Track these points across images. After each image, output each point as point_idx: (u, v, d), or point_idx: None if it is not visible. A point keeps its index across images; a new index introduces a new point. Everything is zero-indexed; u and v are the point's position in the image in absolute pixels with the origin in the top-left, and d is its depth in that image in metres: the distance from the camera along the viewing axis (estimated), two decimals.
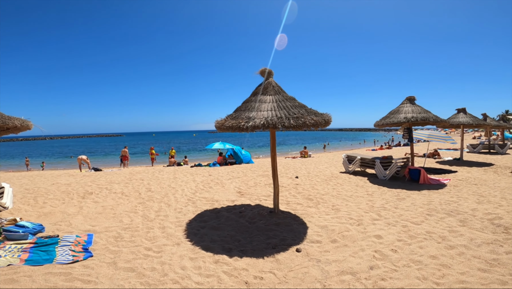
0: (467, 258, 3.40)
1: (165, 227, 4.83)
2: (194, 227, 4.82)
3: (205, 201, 6.54)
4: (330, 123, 4.51)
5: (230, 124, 4.36)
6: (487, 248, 3.64)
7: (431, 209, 5.49)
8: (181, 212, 5.70)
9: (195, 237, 4.37)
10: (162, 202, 6.57)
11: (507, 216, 4.82)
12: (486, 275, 3.00)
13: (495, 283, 2.85)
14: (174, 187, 8.19)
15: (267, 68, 5.11)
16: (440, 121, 8.93)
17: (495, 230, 4.26)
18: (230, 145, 15.69)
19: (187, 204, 6.34)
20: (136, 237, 4.41)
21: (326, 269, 3.28)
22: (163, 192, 7.62)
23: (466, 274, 3.04)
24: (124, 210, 5.95)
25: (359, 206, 5.86)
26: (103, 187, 8.25)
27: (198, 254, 3.77)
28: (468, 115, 12.95)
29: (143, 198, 6.93)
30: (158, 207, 6.15)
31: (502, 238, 3.94)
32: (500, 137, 22.49)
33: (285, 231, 4.50)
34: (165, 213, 5.65)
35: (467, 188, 7.33)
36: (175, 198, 6.93)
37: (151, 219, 5.29)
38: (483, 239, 3.92)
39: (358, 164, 10.07)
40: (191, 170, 12.23)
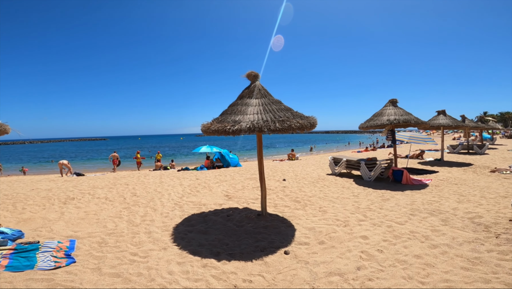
0: (450, 257, 3.49)
1: (151, 232, 4.74)
2: (181, 231, 4.75)
3: (192, 205, 6.46)
4: (315, 126, 4.56)
5: (216, 128, 4.34)
6: (469, 247, 3.75)
7: (414, 209, 5.64)
8: (168, 217, 5.61)
9: (182, 241, 4.31)
10: (148, 206, 6.44)
11: (487, 215, 5.02)
12: (469, 273, 3.08)
13: (479, 281, 2.93)
14: (160, 191, 8.05)
15: (253, 72, 5.13)
16: (421, 123, 9.22)
17: (475, 228, 4.42)
18: (217, 148, 15.60)
19: (174, 208, 6.25)
20: (121, 242, 4.31)
21: (315, 270, 3.31)
22: (149, 196, 7.48)
23: (449, 273, 3.11)
24: (108, 215, 5.80)
25: (345, 207, 5.94)
26: (86, 192, 8.01)
27: (186, 258, 3.72)
28: (447, 117, 13.44)
29: (128, 203, 6.78)
30: (144, 211, 6.02)
31: (483, 236, 4.08)
32: (479, 138, 23.46)
33: (273, 233, 4.50)
34: (151, 218, 5.54)
35: (448, 187, 7.58)
36: (161, 202, 6.81)
37: (136, 224, 5.18)
38: (464, 238, 4.05)
39: (344, 166, 10.23)
40: (178, 174, 12.07)
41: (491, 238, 3.98)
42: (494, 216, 4.94)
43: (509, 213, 5.02)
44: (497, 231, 4.21)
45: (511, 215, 4.89)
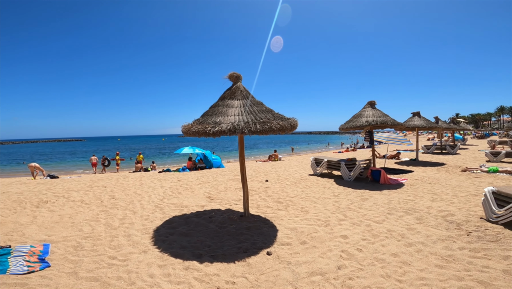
0: (424, 255, 3.63)
1: (130, 235, 4.62)
2: (162, 234, 4.67)
3: (174, 207, 6.35)
4: (296, 128, 4.62)
5: (197, 130, 4.30)
6: (442, 245, 3.92)
7: (391, 208, 5.84)
8: (148, 219, 5.48)
9: (163, 244, 4.24)
10: (127, 209, 6.26)
11: (459, 213, 5.29)
12: (443, 271, 3.20)
13: (452, 279, 3.04)
14: (140, 194, 7.85)
15: (235, 73, 5.12)
16: (397, 125, 9.57)
17: (448, 226, 4.63)
18: (200, 150, 15.43)
19: (155, 210, 6.11)
20: (99, 246, 4.18)
21: (297, 271, 3.34)
22: (128, 199, 7.27)
23: (425, 271, 3.23)
24: (84, 218, 5.59)
25: (326, 207, 6.06)
26: (60, 195, 7.67)
27: (167, 261, 3.66)
28: (422, 119, 14.06)
29: (106, 206, 6.56)
30: (123, 214, 5.86)
31: (455, 234, 4.28)
32: (451, 138, 24.69)
33: (256, 234, 4.52)
34: (130, 221, 5.40)
35: (422, 186, 7.92)
36: (141, 204, 6.64)
37: (115, 227, 5.04)
38: (438, 236, 4.22)
39: (325, 166, 10.43)
40: (159, 176, 11.81)
41: (463, 236, 4.18)
42: (465, 214, 5.21)
43: (479, 211, 5.31)
44: (468, 229, 4.44)
45: (481, 213, 5.17)
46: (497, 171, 9.89)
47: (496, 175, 9.43)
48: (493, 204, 4.76)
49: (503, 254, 3.49)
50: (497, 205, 4.73)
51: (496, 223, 4.60)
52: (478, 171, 10.16)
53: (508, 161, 12.85)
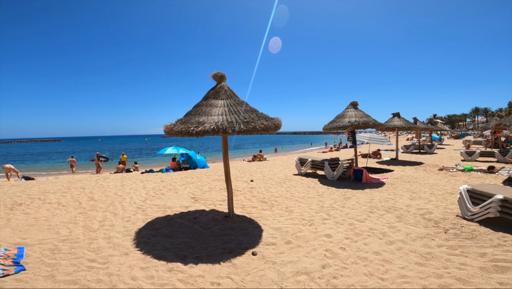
0: (405, 253, 3.72)
1: (111, 237, 4.50)
2: (144, 235, 4.56)
3: (157, 208, 6.21)
4: (280, 128, 4.64)
5: (179, 129, 4.23)
6: (421, 242, 4.03)
7: (373, 206, 5.98)
8: (130, 221, 5.34)
9: (145, 245, 4.15)
10: (107, 211, 6.08)
11: (436, 211, 5.48)
12: (423, 269, 3.29)
13: (432, 276, 3.12)
14: (121, 195, 7.64)
15: (219, 72, 5.09)
16: (378, 125, 9.83)
17: (426, 224, 4.79)
18: (184, 150, 15.20)
19: (136, 212, 5.96)
20: (77, 249, 4.05)
21: (282, 270, 3.35)
22: (108, 200, 7.05)
23: (405, 269, 3.31)
24: (61, 221, 5.39)
25: (310, 206, 6.12)
26: (36, 197, 7.34)
27: (150, 263, 3.59)
28: (401, 119, 14.52)
29: (84, 208, 6.34)
30: (103, 216, 5.68)
31: (433, 231, 4.43)
32: (429, 138, 25.67)
33: (241, 235, 4.50)
34: (110, 223, 5.25)
35: (402, 185, 8.17)
36: (122, 206, 6.46)
37: (94, 230, 4.89)
38: (417, 234, 4.35)
39: (309, 166, 10.55)
40: (141, 176, 11.54)
41: (441, 233, 4.32)
42: (442, 211, 5.42)
43: (455, 209, 5.53)
44: (445, 226, 4.61)
45: (457, 211, 5.38)
46: (471, 169, 10.36)
47: (471, 173, 9.88)
48: (468, 202, 4.97)
49: (479, 251, 3.62)
50: (472, 203, 4.94)
51: (472, 220, 4.80)
52: (454, 170, 10.61)
53: (482, 160, 13.48)
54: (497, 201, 4.40)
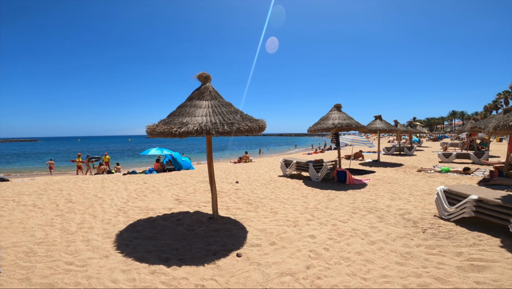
0: (386, 253, 3.81)
1: (90, 240, 4.37)
2: (125, 238, 4.45)
3: (139, 210, 6.07)
4: (264, 129, 4.66)
5: (162, 130, 4.17)
6: (401, 242, 4.14)
7: (355, 207, 6.11)
8: (110, 223, 5.20)
9: (127, 248, 4.05)
10: (86, 213, 5.89)
11: (415, 211, 5.67)
12: (403, 268, 3.37)
13: (411, 276, 3.20)
14: (101, 197, 7.41)
15: (204, 73, 5.06)
16: (361, 127, 10.07)
17: (405, 224, 4.93)
18: (168, 151, 14.96)
19: (117, 214, 5.80)
20: (54, 252, 3.92)
21: (267, 272, 3.36)
22: (87, 202, 6.83)
23: (387, 268, 3.38)
24: (37, 223, 5.19)
25: (295, 207, 6.17)
26: (10, 199, 7.01)
27: (132, 265, 3.50)
28: (383, 122, 14.95)
29: (62, 210, 6.11)
30: (81, 218, 5.51)
31: (412, 231, 4.56)
32: (409, 140, 26.55)
33: (225, 236, 4.47)
34: (89, 225, 5.10)
35: (383, 186, 8.39)
36: (102, 208, 6.27)
37: (72, 232, 4.74)
38: (397, 234, 4.47)
39: (294, 168, 10.64)
40: (123, 178, 11.24)
41: (419, 233, 4.46)
42: (420, 212, 5.60)
43: (433, 209, 5.73)
44: (423, 226, 4.76)
45: (435, 211, 5.58)
46: (448, 171, 10.79)
47: (448, 174, 10.29)
48: (445, 202, 5.16)
49: (456, 251, 3.75)
50: (448, 203, 5.13)
51: (448, 220, 4.98)
52: (432, 171, 11.02)
53: (458, 162, 14.06)
54: (472, 201, 4.59)
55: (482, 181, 8.48)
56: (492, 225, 4.58)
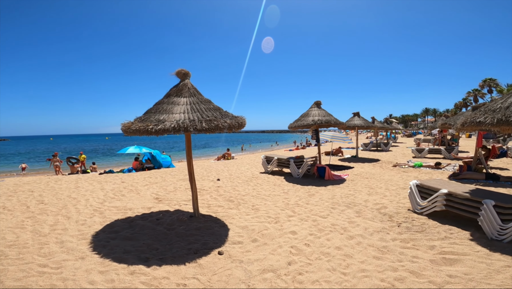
0: (364, 247, 3.92)
1: (64, 242, 4.22)
2: (102, 239, 4.32)
3: (116, 210, 5.89)
4: (244, 126, 4.65)
5: (137, 128, 4.07)
6: (378, 236, 4.28)
7: (335, 202, 6.25)
8: (85, 224, 5.02)
9: (104, 249, 3.94)
10: (60, 214, 5.65)
11: (390, 205, 5.89)
12: (380, 262, 3.47)
13: (388, 270, 3.24)
14: (75, 198, 7.12)
15: (183, 70, 4.98)
16: (340, 124, 10.31)
17: (382, 218, 5.11)
18: (147, 149, 14.59)
19: (93, 215, 5.61)
20: (26, 254, 3.77)
21: (249, 269, 3.37)
22: (60, 203, 6.54)
23: (365, 263, 3.48)
24: (6, 226, 4.93)
25: (276, 204, 6.23)
26: None
27: (109, 266, 3.42)
28: (361, 119, 15.40)
29: (33, 212, 5.82)
30: (54, 220, 5.28)
31: (388, 225, 4.73)
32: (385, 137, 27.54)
33: (207, 234, 4.43)
34: (63, 227, 4.91)
35: (361, 181, 8.66)
36: (76, 209, 6.03)
37: (44, 234, 4.55)
38: (374, 228, 4.62)
39: (275, 164, 10.73)
40: (99, 178, 10.85)
41: (394, 227, 4.62)
42: (396, 206, 5.83)
43: (407, 203, 5.98)
44: (398, 220, 4.95)
45: (409, 205, 5.82)
46: (421, 165, 11.31)
47: (421, 169, 10.79)
48: (417, 196, 5.40)
49: (429, 244, 3.91)
50: (421, 197, 5.37)
51: (421, 214, 5.21)
52: (406, 166, 11.50)
53: (430, 157, 14.74)
54: (442, 195, 4.83)
55: (452, 175, 8.97)
56: (462, 218, 4.82)
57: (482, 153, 9.12)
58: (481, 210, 4.09)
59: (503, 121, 4.01)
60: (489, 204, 3.97)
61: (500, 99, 4.42)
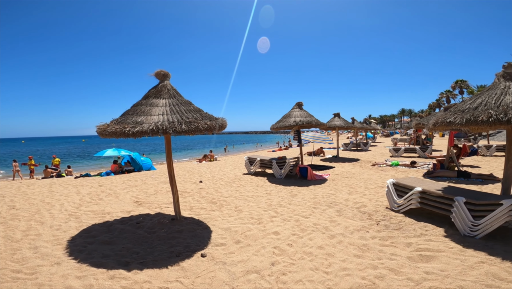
0: (345, 246, 3.99)
1: (38, 247, 4.07)
2: (78, 244, 4.19)
3: (93, 215, 5.70)
4: (225, 128, 4.64)
5: (114, 130, 3.95)
6: (358, 235, 4.37)
7: (316, 202, 6.36)
8: (60, 229, 4.84)
9: (81, 254, 3.82)
10: (32, 220, 5.42)
11: (370, 204, 6.06)
12: (360, 260, 3.54)
13: (369, 268, 3.30)
14: (49, 202, 6.82)
15: (163, 70, 4.89)
16: (321, 124, 10.50)
17: (361, 217, 5.24)
18: (126, 151, 14.17)
19: (68, 219, 5.40)
20: None
21: (233, 270, 3.36)
22: (33, 208, 6.25)
23: (346, 261, 3.54)
24: None
25: (259, 205, 6.25)
26: None
27: (88, 271, 3.32)
28: (341, 119, 15.79)
29: (4, 217, 5.55)
30: (27, 225, 5.06)
31: (367, 224, 4.85)
32: (365, 137, 28.36)
33: (189, 237, 4.38)
34: (36, 232, 4.72)
35: (341, 181, 8.86)
36: (50, 214, 5.79)
37: (16, 240, 4.37)
38: (354, 227, 4.72)
39: (258, 165, 10.76)
40: (74, 182, 10.41)
41: (373, 225, 4.74)
42: (374, 204, 6.01)
43: (385, 201, 6.17)
44: (377, 218, 5.09)
45: (387, 203, 6.01)
46: (398, 164, 11.74)
47: (398, 168, 11.20)
48: (394, 195, 5.59)
49: (406, 241, 4.04)
50: (397, 195, 5.56)
51: (398, 211, 5.39)
52: (384, 165, 11.90)
53: (406, 156, 15.34)
54: (417, 193, 5.03)
55: (427, 173, 9.38)
56: (436, 215, 5.02)
57: (454, 152, 9.61)
58: (453, 207, 4.30)
59: (471, 121, 4.22)
60: (461, 201, 4.18)
61: (469, 100, 4.66)
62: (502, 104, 4.05)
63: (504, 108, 3.93)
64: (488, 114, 4.02)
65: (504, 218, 3.77)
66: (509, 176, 4.43)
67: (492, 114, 3.97)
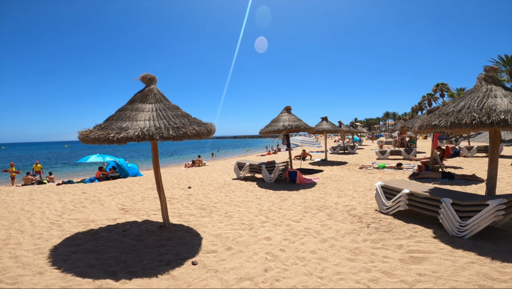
0: (337, 249, 3.98)
1: (18, 256, 3.90)
2: (62, 252, 4.02)
3: (77, 223, 5.48)
4: (213, 133, 4.57)
5: (97, 136, 3.81)
6: (349, 238, 4.37)
7: (307, 206, 6.35)
8: (42, 238, 4.64)
9: (65, 263, 3.66)
10: (12, 228, 5.19)
11: (359, 207, 6.11)
12: (353, 264, 3.53)
13: (362, 271, 3.29)
14: (29, 210, 6.53)
15: (149, 74, 4.77)
16: (309, 128, 10.59)
17: (352, 220, 5.26)
18: (111, 157, 13.80)
19: (50, 228, 5.19)
20: None
21: (225, 278, 3.27)
22: (12, 217, 5.98)
23: (339, 265, 3.52)
24: None
25: (249, 210, 6.18)
26: None
27: (72, 281, 3.18)
28: (329, 123, 15.99)
29: None
30: (6, 234, 4.85)
31: (358, 227, 4.87)
32: (352, 140, 28.82)
33: (179, 244, 4.26)
34: (16, 241, 4.52)
35: (331, 184, 8.91)
36: (31, 222, 5.55)
37: None
38: (345, 230, 4.72)
39: (247, 170, 10.69)
40: (56, 189, 10.03)
41: (364, 228, 4.76)
42: (364, 207, 6.07)
43: (374, 204, 6.23)
44: (367, 221, 5.12)
45: (376, 206, 6.08)
46: (384, 167, 11.96)
47: (384, 170, 11.40)
48: (383, 197, 5.65)
49: (397, 243, 4.06)
50: (386, 198, 5.63)
51: (387, 214, 5.45)
52: (371, 168, 12.09)
53: (392, 158, 15.65)
54: (405, 195, 5.10)
55: (412, 175, 9.58)
56: (424, 216, 5.09)
57: (437, 154, 9.87)
58: (441, 208, 4.38)
59: (455, 124, 4.33)
60: (448, 202, 4.27)
61: (452, 103, 4.79)
62: (485, 107, 4.18)
63: (487, 111, 4.06)
64: (471, 117, 4.13)
65: (491, 218, 3.86)
66: (493, 177, 4.56)
67: (476, 117, 4.08)
